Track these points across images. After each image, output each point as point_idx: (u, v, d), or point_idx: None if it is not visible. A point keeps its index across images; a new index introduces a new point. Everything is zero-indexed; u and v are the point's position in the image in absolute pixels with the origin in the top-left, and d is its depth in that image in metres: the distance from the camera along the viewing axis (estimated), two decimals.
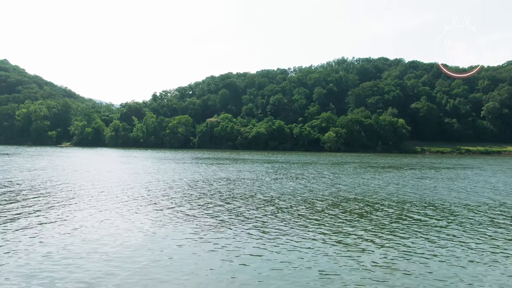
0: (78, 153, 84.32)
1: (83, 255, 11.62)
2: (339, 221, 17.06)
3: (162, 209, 18.99)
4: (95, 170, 40.37)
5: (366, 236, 14.45)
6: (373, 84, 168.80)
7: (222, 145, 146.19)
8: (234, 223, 16.32)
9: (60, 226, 15.08)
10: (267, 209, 19.50)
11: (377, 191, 27.23)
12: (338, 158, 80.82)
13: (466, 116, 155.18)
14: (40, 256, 11.42)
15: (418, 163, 66.25)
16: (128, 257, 11.57)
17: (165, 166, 48.54)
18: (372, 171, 45.63)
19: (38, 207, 18.82)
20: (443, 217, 18.31)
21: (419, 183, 33.24)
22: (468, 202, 23.23)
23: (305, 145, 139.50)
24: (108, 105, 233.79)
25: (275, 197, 23.61)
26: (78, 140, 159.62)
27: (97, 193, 23.74)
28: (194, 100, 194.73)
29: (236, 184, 29.56)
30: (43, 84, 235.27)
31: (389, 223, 16.78)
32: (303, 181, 32.64)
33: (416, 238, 14.35)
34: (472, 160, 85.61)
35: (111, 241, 13.10)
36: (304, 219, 17.34)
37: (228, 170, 42.98)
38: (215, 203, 21.03)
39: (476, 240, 14.32)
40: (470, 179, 37.70)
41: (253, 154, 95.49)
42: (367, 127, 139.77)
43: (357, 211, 19.45)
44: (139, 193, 24.28)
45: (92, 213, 17.65)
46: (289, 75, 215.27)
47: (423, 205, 21.60)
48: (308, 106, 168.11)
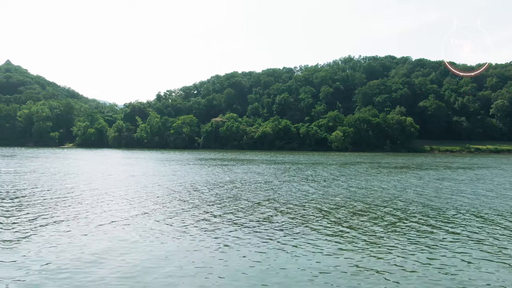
0: (77, 155, 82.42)
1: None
2: (365, 232, 14.95)
3: (150, 221, 16.93)
4: (87, 174, 38.35)
5: (407, 252, 12.33)
6: (380, 82, 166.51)
7: (228, 145, 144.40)
8: (241, 239, 14.25)
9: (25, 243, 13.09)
10: (276, 219, 17.37)
11: (397, 195, 25.06)
12: (347, 158, 78.62)
13: (475, 114, 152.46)
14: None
15: (431, 163, 63.91)
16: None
17: (166, 168, 46.44)
18: (386, 172, 43.42)
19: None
20: (480, 227, 16.13)
21: (439, 185, 31.00)
22: (500, 207, 21.02)
23: (312, 144, 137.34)
24: (112, 105, 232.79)
25: (283, 203, 21.48)
26: (80, 141, 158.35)
27: (76, 202, 21.66)
28: (199, 99, 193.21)
29: (240, 189, 27.45)
30: (45, 84, 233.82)
31: (422, 236, 14.64)
32: (314, 184, 30.52)
33: (463, 257, 12.22)
34: (485, 159, 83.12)
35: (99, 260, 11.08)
36: (322, 231, 15.23)
37: (232, 172, 40.82)
38: (214, 213, 18.72)
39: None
40: (492, 181, 35.43)
41: (259, 154, 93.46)
42: (375, 126, 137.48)
43: (384, 220, 17.30)
44: (129, 200, 22.17)
45: (60, 231, 15.08)
46: (295, 73, 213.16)
47: (452, 213, 19.42)
48: (314, 105, 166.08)
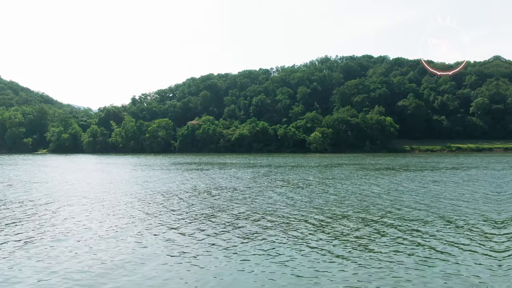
0: (47, 161, 76.85)
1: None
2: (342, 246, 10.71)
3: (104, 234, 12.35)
4: (47, 181, 33.35)
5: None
6: (358, 82, 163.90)
7: (205, 148, 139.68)
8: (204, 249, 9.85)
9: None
10: (256, 233, 13.00)
11: (394, 201, 20.99)
12: (327, 160, 74.90)
13: (455, 113, 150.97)
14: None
15: (417, 164, 60.55)
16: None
17: (137, 174, 42.07)
18: (373, 175, 39.46)
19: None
20: (485, 239, 12.09)
21: (434, 188, 27.07)
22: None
23: (290, 146, 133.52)
24: (86, 110, 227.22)
25: (255, 213, 17.11)
26: (54, 147, 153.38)
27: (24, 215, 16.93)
28: (175, 102, 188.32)
29: (215, 198, 23.04)
30: (19, 90, 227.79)
31: (416, 248, 10.50)
32: (289, 190, 26.25)
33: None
34: (470, 158, 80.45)
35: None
36: (293, 243, 10.92)
37: (208, 178, 36.53)
38: (180, 223, 14.75)
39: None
40: (488, 182, 31.85)
41: (236, 157, 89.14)
42: (354, 126, 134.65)
43: (385, 234, 13.08)
44: (82, 212, 17.54)
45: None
46: (272, 75, 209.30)
47: (447, 222, 15.36)
48: (292, 106, 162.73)
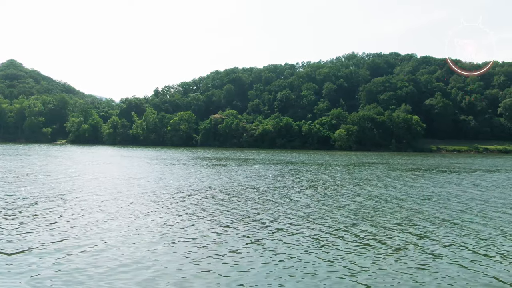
0: (63, 152, 76.18)
1: None
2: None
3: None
4: (52, 175, 33.29)
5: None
6: (385, 79, 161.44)
7: (227, 142, 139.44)
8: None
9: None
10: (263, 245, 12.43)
11: (423, 208, 20.18)
12: (353, 158, 73.83)
13: (483, 113, 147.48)
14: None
15: (447, 165, 59.01)
16: None
17: (152, 168, 41.46)
18: (407, 176, 38.45)
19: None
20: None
21: (472, 193, 26.06)
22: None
23: (314, 143, 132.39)
24: (108, 100, 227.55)
25: (281, 222, 16.55)
26: (74, 137, 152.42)
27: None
28: (198, 95, 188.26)
29: (229, 198, 22.57)
30: (40, 79, 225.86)
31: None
32: (320, 191, 25.59)
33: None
34: (500, 160, 78.22)
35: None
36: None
37: (225, 175, 35.33)
38: (193, 232, 14.00)
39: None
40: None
41: (259, 153, 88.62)
42: (379, 124, 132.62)
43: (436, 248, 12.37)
44: (83, 210, 17.26)
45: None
46: (297, 70, 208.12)
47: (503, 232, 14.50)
48: (317, 102, 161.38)
